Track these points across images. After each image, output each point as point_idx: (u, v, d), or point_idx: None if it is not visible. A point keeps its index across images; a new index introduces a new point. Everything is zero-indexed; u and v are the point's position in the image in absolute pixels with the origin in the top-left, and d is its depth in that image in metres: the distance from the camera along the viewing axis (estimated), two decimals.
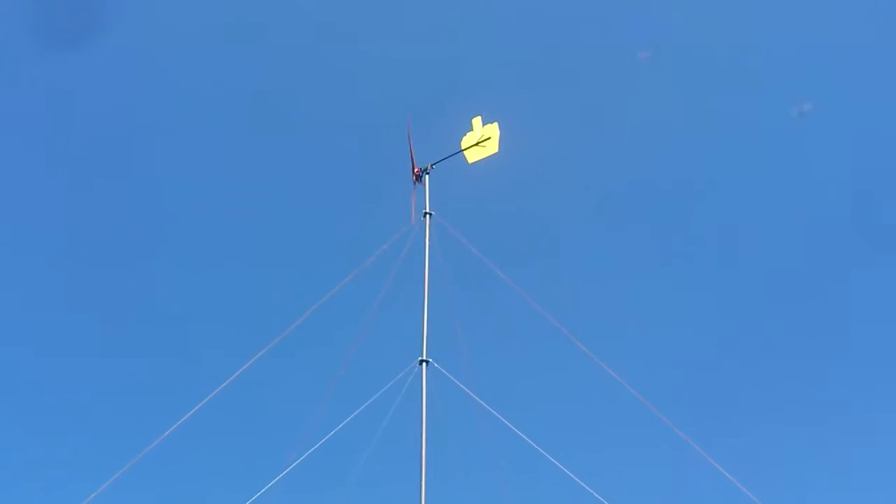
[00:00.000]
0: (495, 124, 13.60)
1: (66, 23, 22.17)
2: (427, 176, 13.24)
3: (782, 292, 21.96)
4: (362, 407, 11.44)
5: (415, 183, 13.20)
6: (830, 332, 21.71)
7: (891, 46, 22.41)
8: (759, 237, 22.56)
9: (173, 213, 23.09)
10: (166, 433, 11.46)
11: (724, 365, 21.01)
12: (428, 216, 12.85)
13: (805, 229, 22.56)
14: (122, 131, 23.40)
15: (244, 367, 11.95)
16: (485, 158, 13.51)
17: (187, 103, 23.88)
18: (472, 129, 13.61)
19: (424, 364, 11.43)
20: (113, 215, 22.99)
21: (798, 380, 20.80)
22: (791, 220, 22.61)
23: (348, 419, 11.39)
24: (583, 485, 11.10)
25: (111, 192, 23.14)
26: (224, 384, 11.75)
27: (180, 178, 23.63)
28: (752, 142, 23.12)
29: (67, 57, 22.91)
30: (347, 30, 24.10)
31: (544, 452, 11.24)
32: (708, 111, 23.56)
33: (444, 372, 11.49)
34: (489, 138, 13.55)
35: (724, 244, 22.56)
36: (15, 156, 23.09)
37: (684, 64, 23.69)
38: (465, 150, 13.53)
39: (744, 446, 19.03)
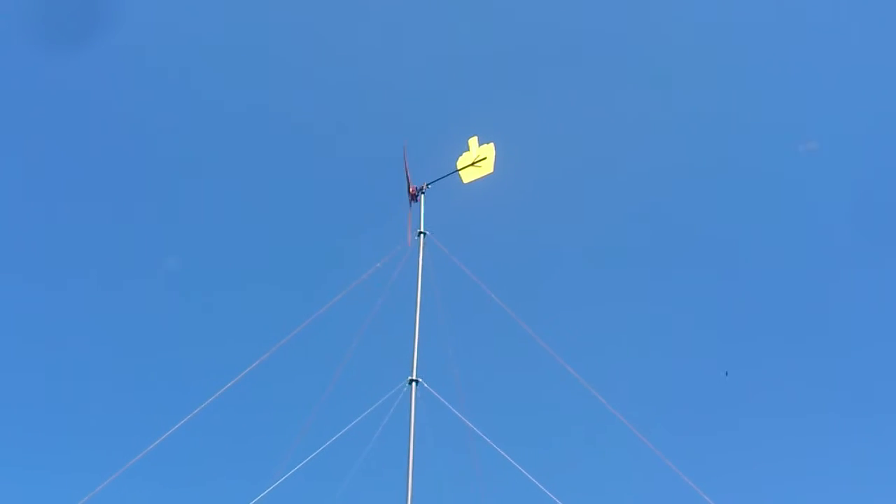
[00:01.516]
0: (491, 145, 13.58)
1: (67, 22, 22.23)
2: (422, 195, 13.24)
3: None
4: (350, 425, 11.40)
5: (411, 202, 13.18)
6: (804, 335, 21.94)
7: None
8: (744, 259, 22.74)
9: (172, 220, 23.11)
10: (150, 447, 11.42)
11: (719, 390, 21.07)
12: (422, 236, 12.82)
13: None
14: (115, 134, 23.43)
15: (233, 382, 11.91)
16: (480, 179, 13.50)
17: (187, 112, 23.98)
18: (468, 149, 13.61)
19: (414, 384, 11.37)
20: (111, 218, 23.00)
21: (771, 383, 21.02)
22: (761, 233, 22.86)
23: (335, 437, 11.33)
24: None
25: (107, 195, 23.12)
26: (212, 398, 11.71)
27: (179, 187, 23.66)
28: (749, 161, 23.29)
29: (68, 56, 22.99)
30: (347, 49, 24.23)
31: (531, 477, 11.18)
32: (706, 130, 23.72)
33: (433, 392, 11.44)
34: (485, 158, 13.52)
35: (715, 266, 22.70)
36: (14, 155, 23.11)
37: (682, 85, 23.90)
38: (461, 170, 13.51)
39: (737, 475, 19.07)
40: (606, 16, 24.20)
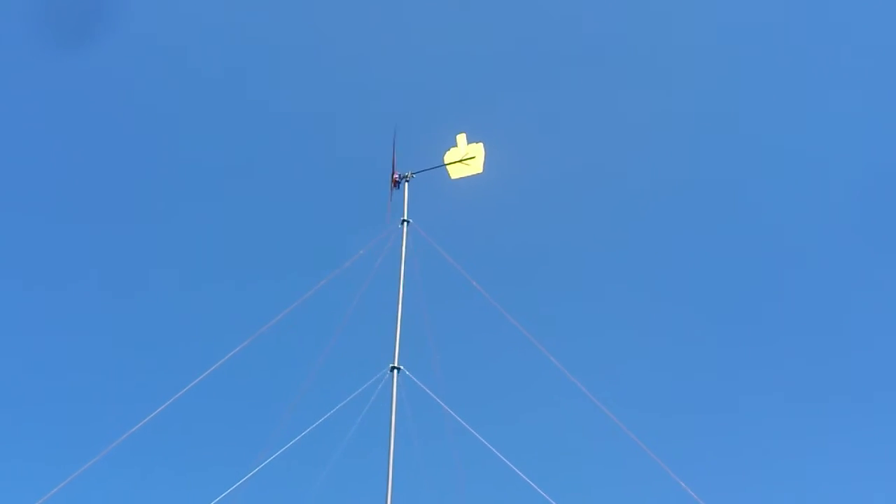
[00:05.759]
0: (480, 144, 13.59)
1: (69, 21, 22.39)
2: (406, 183, 13.26)
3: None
4: (331, 412, 11.44)
5: (392, 188, 13.22)
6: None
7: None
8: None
9: (161, 213, 23.20)
10: (131, 431, 11.45)
11: (698, 377, 21.16)
12: (405, 223, 12.84)
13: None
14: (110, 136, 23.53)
15: (213, 368, 11.91)
16: (468, 177, 13.54)
17: (177, 108, 24.12)
18: (455, 145, 13.64)
19: (396, 371, 11.41)
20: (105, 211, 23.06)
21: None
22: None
23: (316, 424, 11.36)
24: (548, 498, 11.08)
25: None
26: (191, 385, 11.71)
27: (167, 182, 23.76)
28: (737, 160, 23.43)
29: (69, 56, 23.14)
30: (341, 42, 24.48)
31: (511, 464, 11.21)
32: (699, 129, 23.86)
33: (415, 380, 11.49)
34: (473, 157, 13.55)
35: (702, 262, 22.84)
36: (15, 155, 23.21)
37: (676, 85, 24.05)
38: (449, 164, 13.54)
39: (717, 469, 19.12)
40: (597, 19, 24.42)
